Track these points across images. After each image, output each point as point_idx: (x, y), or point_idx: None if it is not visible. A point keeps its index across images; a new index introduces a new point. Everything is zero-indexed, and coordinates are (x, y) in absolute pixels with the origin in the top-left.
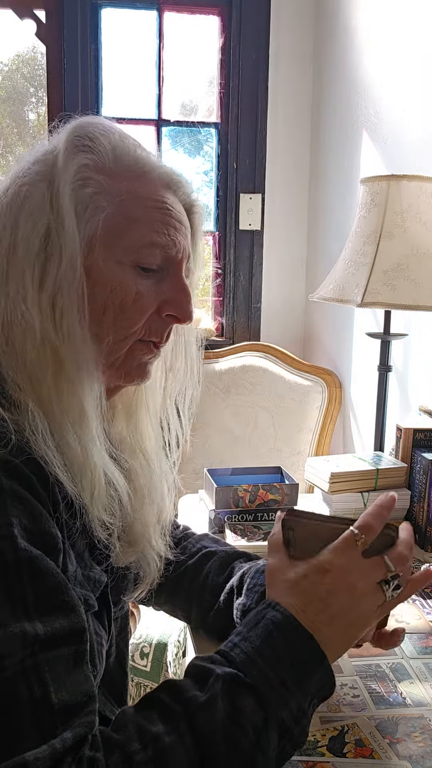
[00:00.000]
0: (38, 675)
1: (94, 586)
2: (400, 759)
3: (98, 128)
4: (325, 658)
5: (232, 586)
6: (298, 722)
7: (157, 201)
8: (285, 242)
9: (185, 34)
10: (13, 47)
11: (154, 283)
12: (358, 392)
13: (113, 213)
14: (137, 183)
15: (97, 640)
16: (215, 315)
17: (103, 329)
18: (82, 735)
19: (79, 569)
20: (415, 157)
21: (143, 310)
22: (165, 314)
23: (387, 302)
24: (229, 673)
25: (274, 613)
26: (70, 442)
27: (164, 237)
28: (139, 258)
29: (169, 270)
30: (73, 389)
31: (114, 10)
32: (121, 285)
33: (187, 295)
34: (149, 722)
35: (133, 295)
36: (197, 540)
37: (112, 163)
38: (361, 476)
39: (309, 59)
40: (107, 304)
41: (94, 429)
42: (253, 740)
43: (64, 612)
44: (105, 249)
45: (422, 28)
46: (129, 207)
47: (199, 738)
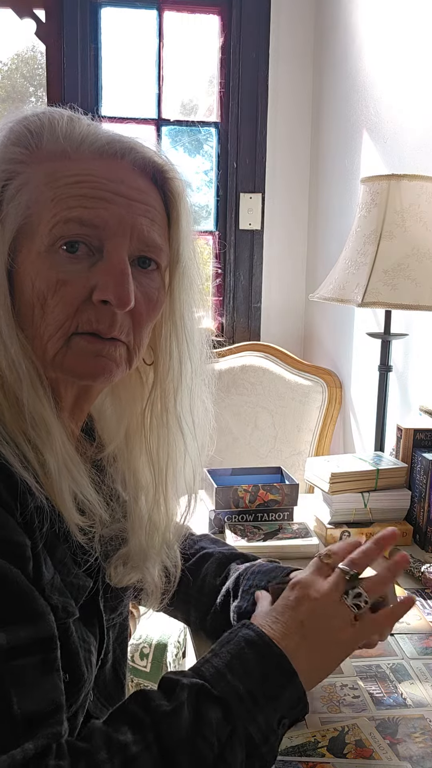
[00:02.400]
0: (0, 686)
1: (78, 592)
2: (401, 760)
3: (38, 117)
4: (295, 675)
5: (228, 589)
6: (267, 740)
7: (79, 175)
8: (285, 242)
9: (185, 34)
10: (12, 46)
11: (86, 267)
12: (359, 392)
13: (31, 203)
14: (60, 162)
15: (84, 647)
16: (215, 315)
17: (33, 330)
18: (45, 745)
19: (57, 576)
20: (415, 156)
21: (66, 300)
22: (95, 299)
23: (387, 302)
24: (196, 684)
25: (247, 631)
26: (23, 446)
27: (82, 210)
28: (53, 238)
29: (103, 251)
30: (17, 392)
31: (114, 9)
32: (40, 275)
33: (118, 275)
34: (117, 732)
35: (54, 285)
36: (196, 541)
37: (43, 151)
38: (361, 476)
39: (309, 59)
40: (33, 301)
41: (53, 434)
42: (218, 753)
43: (30, 620)
44: (27, 243)
45: (422, 28)
46: (44, 191)
47: (164, 748)
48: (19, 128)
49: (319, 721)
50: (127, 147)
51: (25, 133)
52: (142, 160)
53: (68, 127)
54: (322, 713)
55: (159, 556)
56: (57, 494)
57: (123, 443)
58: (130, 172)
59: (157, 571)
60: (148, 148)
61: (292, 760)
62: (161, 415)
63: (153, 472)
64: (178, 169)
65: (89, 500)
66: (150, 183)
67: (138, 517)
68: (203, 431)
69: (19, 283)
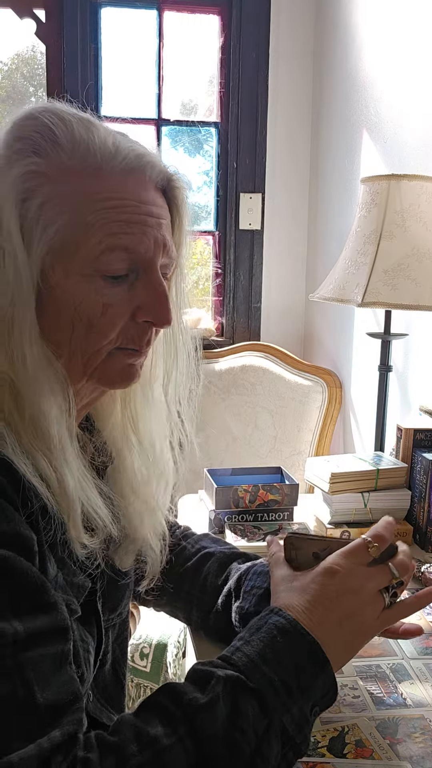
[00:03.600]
0: (21, 675)
1: (78, 591)
2: (401, 760)
3: (47, 120)
4: (328, 664)
5: (229, 589)
6: (301, 730)
7: (113, 198)
8: (285, 242)
9: (185, 34)
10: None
11: (127, 288)
12: (359, 392)
13: (65, 224)
14: (91, 181)
15: (83, 646)
16: (215, 315)
17: (72, 347)
18: (72, 732)
19: (60, 574)
20: (415, 156)
21: (114, 322)
22: (140, 320)
23: (387, 302)
24: (231, 676)
25: (278, 618)
26: (44, 466)
27: (126, 237)
28: (101, 266)
29: (140, 270)
30: (36, 415)
31: (114, 9)
32: (85, 301)
33: (161, 297)
34: (147, 725)
35: (101, 308)
36: (196, 540)
37: (63, 161)
38: (361, 476)
39: (309, 58)
40: (74, 322)
41: (68, 453)
42: (255, 746)
43: (44, 611)
44: (63, 264)
45: (422, 28)
46: (82, 213)
47: (199, 741)
48: (33, 132)
49: (319, 721)
50: (150, 163)
51: (41, 140)
52: (160, 174)
53: (94, 137)
54: (322, 713)
55: (150, 521)
56: (71, 514)
57: (114, 423)
58: (153, 189)
59: (150, 533)
60: (159, 158)
61: None
62: (143, 395)
63: (137, 441)
64: (183, 177)
65: (101, 516)
66: (162, 195)
67: (127, 485)
68: (187, 413)
69: (51, 302)
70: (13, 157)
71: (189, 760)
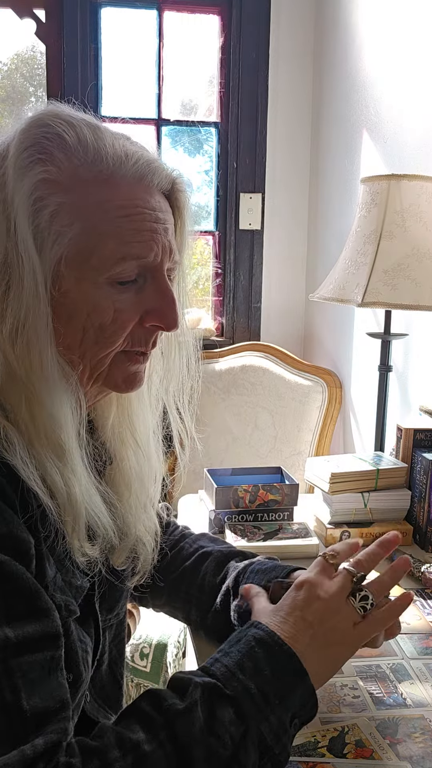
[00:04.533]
0: (9, 680)
1: (76, 592)
2: (401, 760)
3: (57, 126)
4: (306, 675)
5: (228, 587)
6: (279, 739)
7: (127, 207)
8: (285, 242)
9: (185, 34)
10: (12, 46)
11: (134, 293)
12: (359, 392)
13: (78, 232)
14: (103, 189)
15: (81, 647)
16: (215, 315)
17: (82, 351)
18: (55, 741)
19: (59, 575)
20: (415, 156)
21: (124, 327)
22: (148, 324)
23: (387, 302)
24: (209, 683)
25: (256, 631)
26: (51, 472)
27: (138, 246)
28: (114, 275)
29: (148, 276)
30: (49, 419)
31: (114, 9)
32: (97, 307)
33: (169, 301)
34: (129, 730)
35: (112, 314)
36: (194, 540)
37: (75, 169)
38: (361, 476)
39: (309, 58)
40: (86, 328)
41: (76, 459)
42: (232, 752)
43: (36, 617)
44: (75, 271)
45: (422, 28)
46: (95, 222)
47: (179, 747)
48: (41, 138)
49: (319, 721)
50: (157, 169)
51: (50, 146)
52: (165, 179)
53: (104, 143)
54: (322, 713)
55: (143, 518)
56: (76, 523)
57: (113, 422)
58: (159, 195)
59: (143, 529)
60: (164, 163)
61: (292, 760)
62: (140, 395)
63: (134, 439)
64: (186, 180)
65: (104, 524)
66: (166, 199)
67: (124, 482)
68: (187, 411)
69: (63, 308)
70: (25, 166)
71: (170, 764)
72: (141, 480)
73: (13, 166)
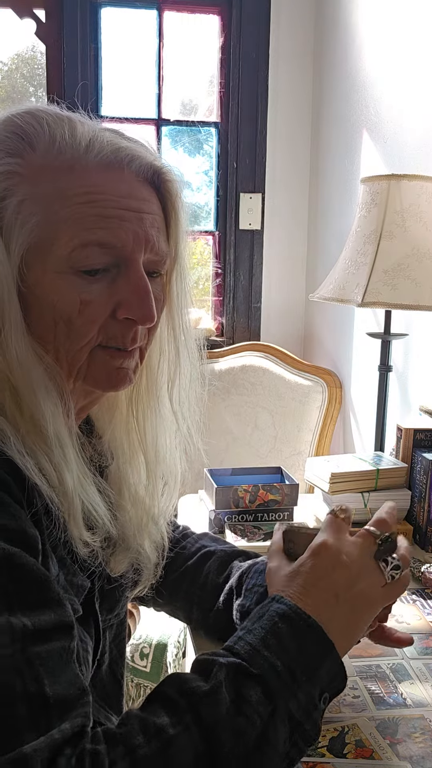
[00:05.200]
0: (31, 669)
1: (78, 591)
2: (401, 760)
3: (22, 120)
4: (333, 648)
5: (231, 587)
6: (309, 715)
7: (91, 193)
8: (285, 242)
9: (185, 34)
10: (12, 46)
11: (107, 284)
12: (359, 392)
13: (39, 220)
14: (65, 177)
15: (82, 646)
16: (215, 315)
17: (56, 345)
18: (80, 725)
19: (61, 573)
20: (415, 156)
21: (93, 319)
22: (120, 317)
23: (387, 302)
24: (233, 663)
25: (278, 605)
26: (44, 464)
27: (101, 232)
28: (75, 262)
29: (121, 266)
30: (35, 413)
31: (114, 9)
32: (62, 298)
33: (142, 292)
34: (153, 715)
35: (78, 305)
36: (196, 540)
37: (40, 159)
38: (361, 476)
39: (309, 58)
40: (56, 320)
41: (67, 449)
42: (260, 731)
43: (50, 606)
44: (40, 262)
45: (422, 28)
46: (56, 209)
47: (204, 728)
48: (8, 134)
49: None
50: (130, 155)
51: (16, 141)
52: (144, 167)
53: (68, 133)
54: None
55: (147, 530)
56: (71, 512)
57: (116, 427)
58: (134, 182)
59: (147, 544)
60: (148, 151)
61: None
62: (149, 402)
63: (142, 450)
64: (175, 170)
65: (100, 515)
66: (150, 188)
67: (127, 491)
68: (192, 418)
69: (33, 300)
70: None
71: (196, 748)
72: (147, 490)
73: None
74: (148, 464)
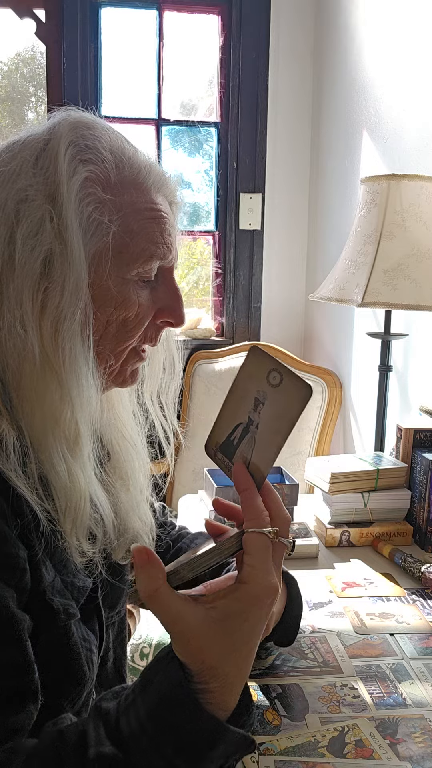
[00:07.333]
0: None
1: (79, 592)
2: (401, 760)
3: (93, 130)
4: (226, 731)
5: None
6: None
7: (153, 210)
8: (285, 242)
9: (185, 34)
10: (12, 46)
11: (150, 291)
12: (359, 392)
13: (117, 229)
14: (135, 192)
15: (86, 646)
16: (215, 315)
17: (102, 345)
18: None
19: (58, 578)
20: (415, 156)
21: (143, 322)
22: (160, 321)
23: (387, 302)
24: (106, 757)
25: (170, 675)
26: (59, 469)
27: (162, 247)
28: (143, 272)
29: (160, 276)
30: (73, 413)
31: (114, 9)
32: (126, 301)
33: (180, 300)
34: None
35: (136, 308)
36: (191, 539)
37: (112, 172)
38: (361, 476)
39: (309, 59)
40: (110, 321)
41: (86, 452)
42: None
43: (7, 645)
44: (109, 266)
45: (422, 28)
46: (129, 220)
47: None
48: (88, 140)
49: (319, 721)
50: (168, 180)
51: (97, 148)
52: (170, 192)
53: (129, 149)
54: (322, 713)
55: (138, 512)
56: (77, 515)
57: (103, 422)
58: (167, 202)
59: (138, 524)
60: (171, 178)
61: (292, 760)
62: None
63: (123, 434)
64: (179, 186)
65: (107, 518)
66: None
67: (119, 477)
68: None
69: (93, 301)
70: (75, 163)
71: None
72: (134, 473)
73: (64, 164)
74: (130, 448)
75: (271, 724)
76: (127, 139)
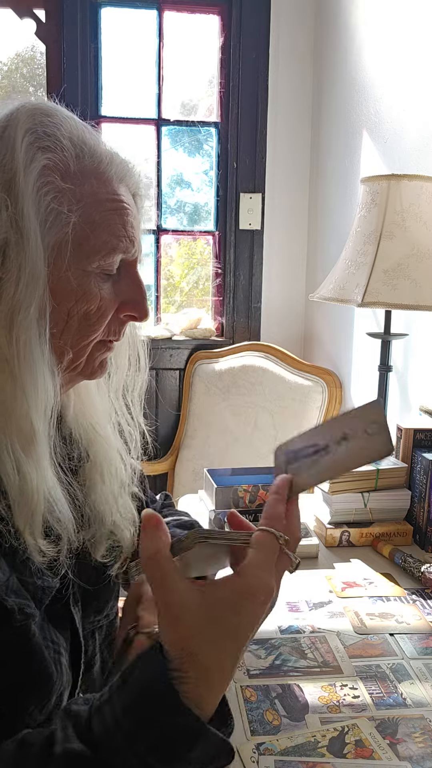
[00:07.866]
0: None
1: (43, 593)
2: (401, 760)
3: (53, 117)
4: (205, 730)
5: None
6: None
7: (115, 201)
8: (285, 242)
9: (185, 34)
10: (12, 46)
11: (112, 284)
12: (359, 392)
13: (77, 220)
14: (96, 183)
15: (53, 647)
16: (215, 315)
17: (64, 339)
18: None
19: (14, 577)
20: (415, 156)
21: (106, 316)
22: (123, 315)
23: (387, 302)
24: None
25: (147, 668)
26: (8, 467)
27: (124, 240)
28: (104, 265)
29: (122, 269)
30: (27, 409)
31: (114, 9)
32: (86, 294)
33: (144, 293)
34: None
35: (98, 301)
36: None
37: (72, 161)
38: (361, 476)
39: (309, 59)
40: (71, 314)
41: (42, 449)
42: None
43: None
44: (68, 258)
45: (422, 28)
46: (90, 211)
47: None
48: (47, 127)
49: (319, 721)
50: (132, 171)
51: (56, 136)
52: (133, 183)
53: (91, 139)
54: (322, 713)
55: (117, 505)
56: (29, 516)
57: (75, 416)
58: (130, 193)
59: (118, 517)
60: (134, 168)
61: (292, 760)
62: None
63: (95, 428)
64: (143, 183)
65: (62, 519)
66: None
67: (97, 472)
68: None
69: (52, 294)
70: (32, 150)
71: None
72: (110, 466)
73: (21, 152)
74: (106, 441)
75: (271, 724)
76: (90, 129)
